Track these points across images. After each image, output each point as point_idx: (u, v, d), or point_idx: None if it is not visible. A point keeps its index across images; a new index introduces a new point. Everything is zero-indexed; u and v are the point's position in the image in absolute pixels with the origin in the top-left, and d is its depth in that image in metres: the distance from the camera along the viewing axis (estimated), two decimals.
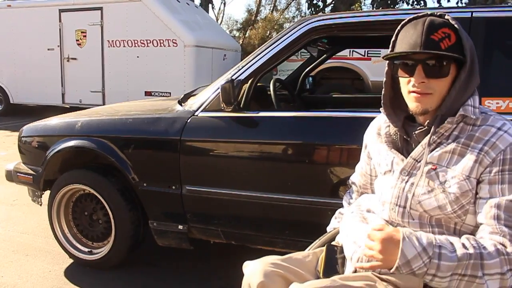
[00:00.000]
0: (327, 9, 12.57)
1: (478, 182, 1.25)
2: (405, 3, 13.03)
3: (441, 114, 1.28)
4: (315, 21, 2.35)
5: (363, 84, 8.06)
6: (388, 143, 1.43)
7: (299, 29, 2.37)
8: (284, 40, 2.39)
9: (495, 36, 2.17)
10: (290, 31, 2.39)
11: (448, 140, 1.29)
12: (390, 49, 1.34)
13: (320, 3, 12.98)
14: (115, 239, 2.74)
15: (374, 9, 11.63)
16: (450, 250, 1.17)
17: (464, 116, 1.28)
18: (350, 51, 7.89)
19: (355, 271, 1.37)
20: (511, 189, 1.20)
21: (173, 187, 2.53)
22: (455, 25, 1.26)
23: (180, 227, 2.59)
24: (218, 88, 2.40)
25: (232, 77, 2.41)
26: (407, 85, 1.30)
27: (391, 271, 1.17)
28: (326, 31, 2.37)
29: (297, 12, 24.40)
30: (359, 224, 1.45)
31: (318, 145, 2.26)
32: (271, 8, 25.05)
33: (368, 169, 1.60)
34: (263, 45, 2.48)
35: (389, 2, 11.86)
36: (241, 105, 2.44)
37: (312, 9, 12.95)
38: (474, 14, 2.18)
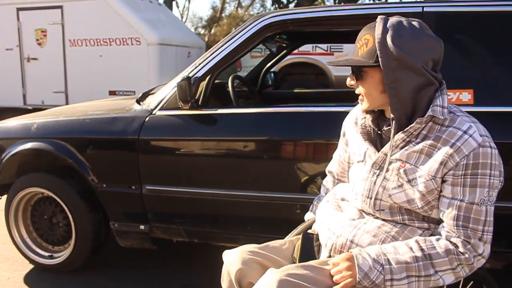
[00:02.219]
0: (291, 5, 12.65)
1: (443, 181, 1.31)
2: None
3: (397, 118, 1.33)
4: (270, 17, 2.36)
5: (327, 79, 8.13)
6: (363, 135, 1.49)
7: (255, 25, 2.37)
8: (240, 37, 2.39)
9: (445, 30, 2.23)
10: (245, 28, 2.40)
11: (417, 139, 1.34)
12: None
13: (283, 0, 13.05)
14: (76, 242, 2.69)
15: (336, 3, 11.76)
16: (398, 253, 1.30)
17: (433, 117, 1.32)
18: (313, 46, 7.94)
19: (330, 257, 1.43)
20: (471, 192, 1.28)
21: (133, 187, 2.51)
22: (378, 30, 1.31)
23: (142, 227, 2.57)
24: (175, 86, 2.38)
25: (189, 75, 2.40)
26: None
27: (356, 286, 1.30)
28: (281, 27, 2.39)
29: (261, 8, 24.40)
30: (333, 212, 1.52)
31: (276, 141, 2.28)
32: (236, 5, 25.02)
33: (346, 157, 1.65)
34: (219, 42, 2.48)
35: None
36: (199, 103, 2.43)
37: (276, 5, 13.00)
38: (425, 9, 2.24)
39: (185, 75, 2.40)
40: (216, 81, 2.63)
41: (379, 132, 1.45)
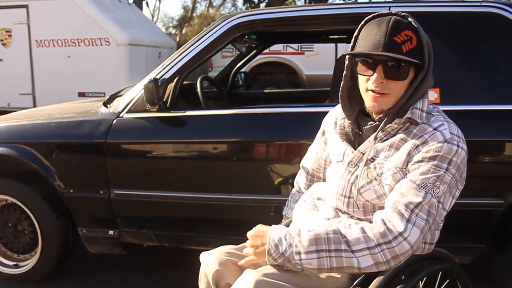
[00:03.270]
0: (262, 5, 12.66)
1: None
2: None
3: (393, 113, 1.33)
4: (238, 18, 2.34)
5: (298, 78, 8.18)
6: (341, 135, 1.48)
7: (223, 26, 2.35)
8: (208, 38, 2.36)
9: None
10: (213, 29, 2.37)
11: (392, 137, 1.35)
12: (352, 43, 1.36)
13: None
14: (43, 249, 2.61)
15: (307, 3, 11.82)
16: (313, 230, 1.30)
17: (411, 119, 1.32)
18: (284, 45, 7.97)
19: None
20: (419, 175, 1.26)
21: (101, 192, 2.45)
22: (418, 28, 1.29)
23: (111, 232, 2.52)
24: (143, 88, 2.34)
25: (156, 76, 2.36)
26: (366, 82, 1.33)
27: (267, 258, 1.31)
28: (250, 28, 2.38)
29: (233, 8, 24.36)
30: (309, 212, 1.53)
31: (245, 142, 2.27)
32: (207, 5, 24.89)
33: (324, 155, 1.64)
34: (187, 43, 2.45)
35: None
36: (168, 105, 2.40)
37: (248, 4, 12.99)
38: (392, 9, 2.24)
39: (152, 76, 2.36)
40: (184, 82, 2.60)
41: (359, 132, 1.44)
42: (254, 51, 3.61)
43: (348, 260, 1.23)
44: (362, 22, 1.35)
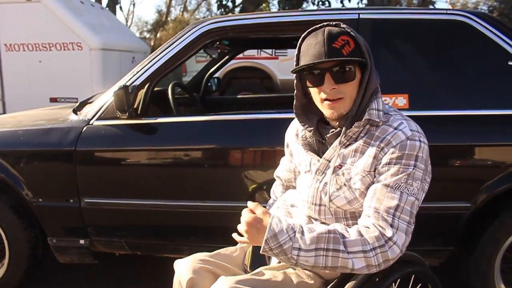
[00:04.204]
0: (237, 10, 12.67)
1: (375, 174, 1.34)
2: (310, 3, 13.42)
3: (351, 116, 1.36)
4: (208, 24, 2.34)
5: (272, 83, 8.21)
6: (305, 146, 1.49)
7: (193, 32, 2.35)
8: (178, 44, 2.36)
9: (380, 36, 2.30)
10: (184, 35, 2.37)
11: (355, 142, 1.37)
12: (295, 63, 1.39)
13: (229, 4, 13.04)
14: (10, 261, 2.54)
15: (280, 9, 11.89)
16: (312, 228, 1.28)
17: (370, 120, 1.35)
18: (258, 50, 7.99)
19: (279, 263, 1.45)
20: (391, 177, 1.30)
21: (71, 201, 2.40)
22: (351, 32, 1.34)
23: (82, 241, 2.47)
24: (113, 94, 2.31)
25: (127, 83, 2.34)
26: (318, 94, 1.36)
27: (263, 246, 1.25)
28: (221, 34, 2.38)
29: (207, 12, 24.34)
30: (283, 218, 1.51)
31: (217, 149, 2.27)
32: (182, 9, 24.78)
33: (292, 166, 1.66)
34: (158, 49, 2.43)
35: (294, 3, 12.16)
36: (138, 112, 2.37)
37: (222, 9, 12.98)
38: (361, 16, 2.29)
39: (123, 83, 2.33)
40: (156, 88, 2.58)
41: (322, 141, 1.46)
42: (227, 56, 3.61)
43: (343, 260, 1.24)
44: (300, 40, 1.39)
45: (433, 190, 1.41)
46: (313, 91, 1.38)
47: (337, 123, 1.40)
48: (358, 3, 13.84)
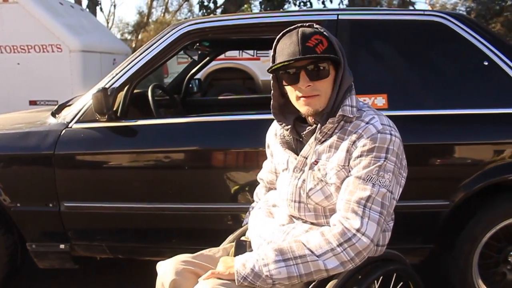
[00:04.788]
0: (218, 11, 12.66)
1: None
2: (292, 4, 13.46)
3: (327, 113, 1.39)
4: (188, 26, 2.34)
5: (254, 84, 8.22)
6: (283, 144, 1.53)
7: (173, 34, 2.34)
8: (158, 46, 2.34)
9: (359, 37, 2.32)
10: (163, 37, 2.35)
11: (330, 137, 1.41)
12: (271, 63, 1.43)
13: (211, 5, 13.02)
14: None
15: (262, 10, 11.92)
16: (276, 243, 1.36)
17: (344, 116, 1.39)
18: (239, 51, 7.99)
19: None
20: (362, 170, 1.33)
21: (50, 205, 2.37)
22: (324, 32, 1.39)
23: (62, 246, 2.44)
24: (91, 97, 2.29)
25: (106, 85, 2.32)
26: (294, 92, 1.40)
27: (236, 279, 1.30)
28: (200, 35, 2.38)
29: (189, 13, 24.21)
30: (265, 219, 1.57)
31: (197, 151, 2.27)
32: (163, 10, 24.64)
33: (273, 167, 1.69)
34: (137, 51, 2.42)
35: (276, 4, 12.19)
36: (118, 114, 2.36)
37: (204, 10, 12.95)
38: (340, 17, 2.31)
39: (101, 85, 2.31)
40: (136, 90, 2.57)
41: (299, 139, 1.49)
42: (208, 57, 3.60)
43: (314, 264, 1.26)
44: (275, 41, 1.42)
45: (413, 189, 1.44)
46: (289, 89, 1.42)
47: (313, 120, 1.44)
48: (339, 4, 13.96)
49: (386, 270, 1.46)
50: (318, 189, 1.40)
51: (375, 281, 1.46)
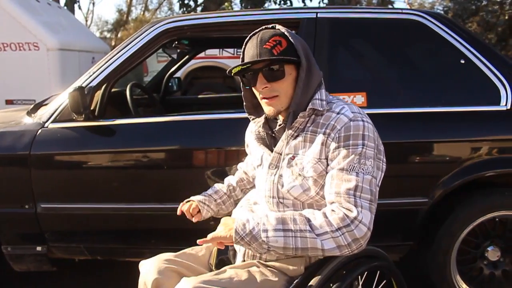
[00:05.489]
0: (199, 9, 12.56)
1: (327, 161, 1.39)
2: (272, 3, 13.46)
3: (293, 111, 1.41)
4: (166, 24, 2.32)
5: (234, 82, 8.19)
6: (258, 140, 1.55)
7: (151, 32, 2.31)
8: (136, 44, 2.31)
9: (338, 35, 2.32)
10: (141, 34, 2.33)
11: (303, 132, 1.43)
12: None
13: (191, 3, 12.92)
14: None
15: (242, 9, 11.90)
16: (277, 213, 1.35)
17: (314, 110, 1.41)
18: (220, 50, 7.96)
19: (244, 261, 1.48)
20: (344, 160, 1.35)
21: (26, 206, 2.32)
22: (285, 33, 1.40)
23: (39, 248, 2.39)
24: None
25: (83, 84, 2.28)
26: (258, 93, 1.43)
27: (234, 237, 1.30)
28: (179, 33, 2.36)
29: (169, 12, 24.01)
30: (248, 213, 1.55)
31: (176, 151, 2.25)
32: (143, 8, 24.37)
33: (250, 165, 1.72)
34: (115, 49, 2.38)
35: (256, 2, 12.17)
36: (96, 113, 2.32)
37: (184, 8, 12.84)
38: (319, 15, 2.32)
39: (78, 84, 2.27)
40: (114, 89, 2.53)
41: (272, 134, 1.51)
42: (187, 56, 3.57)
43: (312, 241, 1.27)
44: (244, 45, 1.45)
45: (392, 186, 1.45)
46: (254, 91, 1.45)
47: (283, 117, 1.46)
48: (319, 3, 14.00)
49: (369, 266, 1.48)
50: (296, 184, 1.41)
51: (359, 277, 1.47)
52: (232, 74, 1.44)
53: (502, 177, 2.25)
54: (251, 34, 1.44)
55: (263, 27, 1.43)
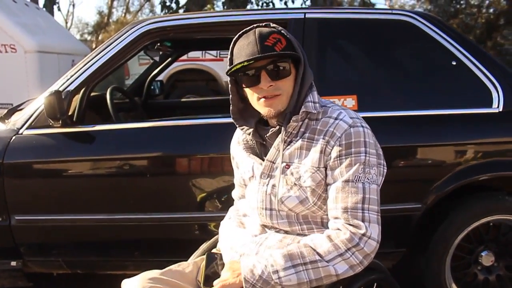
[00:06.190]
0: (181, 11, 12.50)
1: (326, 169, 1.33)
2: (254, 5, 13.44)
3: (289, 112, 1.34)
4: (148, 24, 2.23)
5: (217, 85, 8.14)
6: (247, 149, 1.47)
7: (132, 33, 2.22)
8: (116, 45, 2.22)
9: (327, 36, 2.27)
10: (121, 36, 2.23)
11: (297, 138, 1.36)
12: (228, 65, 1.36)
13: (173, 5, 12.85)
14: None
15: (225, 9, 11.87)
16: (281, 250, 1.29)
17: (308, 113, 1.35)
18: (202, 52, 7.89)
19: None
20: (347, 171, 1.29)
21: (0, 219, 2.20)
22: (282, 31, 1.34)
23: (13, 263, 2.27)
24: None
25: (59, 88, 2.17)
26: (254, 94, 1.34)
27: (244, 286, 1.24)
28: (161, 34, 2.27)
29: (150, 14, 23.85)
30: (236, 229, 1.51)
31: (160, 158, 2.17)
32: (124, 10, 24.17)
33: (241, 179, 1.59)
34: (94, 51, 2.28)
35: (238, 4, 12.16)
36: (74, 119, 2.22)
37: (166, 11, 12.77)
38: (307, 16, 2.26)
39: (55, 88, 2.16)
40: (93, 93, 2.43)
41: (263, 142, 1.43)
42: (170, 58, 3.48)
43: (325, 269, 1.24)
44: (232, 44, 1.37)
45: (384, 192, 1.39)
46: (249, 92, 1.36)
47: (276, 121, 1.38)
48: (301, 4, 14.06)
49: (367, 280, 1.42)
50: (291, 194, 1.34)
51: None
52: (228, 74, 1.36)
53: (496, 181, 2.21)
54: (241, 32, 1.36)
55: (255, 25, 1.35)
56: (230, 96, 1.42)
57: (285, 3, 13.35)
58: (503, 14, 12.07)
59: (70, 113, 2.20)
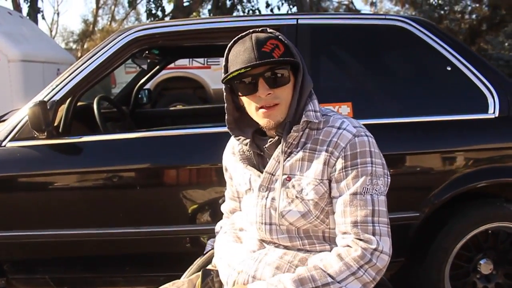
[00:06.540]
0: (167, 19, 12.48)
1: (330, 181, 1.28)
2: (241, 12, 13.48)
3: (289, 122, 1.29)
4: (136, 32, 2.17)
5: (205, 93, 8.13)
6: (243, 161, 1.41)
7: (119, 41, 2.16)
8: (103, 54, 2.15)
9: (320, 42, 2.24)
10: (109, 43, 2.17)
11: (298, 149, 1.31)
12: (223, 73, 1.31)
13: (159, 13, 12.83)
14: None
15: (211, 15, 11.86)
16: (290, 274, 1.22)
17: (308, 122, 1.30)
18: (189, 60, 7.87)
19: None
20: (354, 183, 1.24)
21: None
22: (279, 36, 1.29)
23: None
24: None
25: (44, 98, 2.10)
26: (252, 103, 1.29)
27: None
28: (149, 42, 2.22)
29: (136, 22, 23.79)
30: (232, 245, 1.44)
31: (149, 169, 2.12)
32: (109, 19, 24.06)
33: (235, 192, 1.54)
34: (80, 60, 2.21)
35: (225, 12, 12.18)
36: (60, 130, 2.16)
37: (152, 19, 12.74)
38: (300, 21, 2.23)
39: (39, 98, 2.08)
40: (79, 103, 2.36)
41: (261, 153, 1.37)
42: (157, 66, 3.42)
43: None
44: (227, 50, 1.32)
45: None
46: (246, 101, 1.31)
47: (275, 132, 1.32)
48: (287, 11, 14.12)
49: None
50: (293, 207, 1.28)
51: None
52: (224, 82, 1.30)
53: (494, 188, 2.19)
54: (237, 38, 1.30)
55: (251, 30, 1.30)
56: (225, 105, 1.35)
57: (271, 10, 13.39)
58: (485, 19, 12.28)
59: (55, 124, 2.13)
